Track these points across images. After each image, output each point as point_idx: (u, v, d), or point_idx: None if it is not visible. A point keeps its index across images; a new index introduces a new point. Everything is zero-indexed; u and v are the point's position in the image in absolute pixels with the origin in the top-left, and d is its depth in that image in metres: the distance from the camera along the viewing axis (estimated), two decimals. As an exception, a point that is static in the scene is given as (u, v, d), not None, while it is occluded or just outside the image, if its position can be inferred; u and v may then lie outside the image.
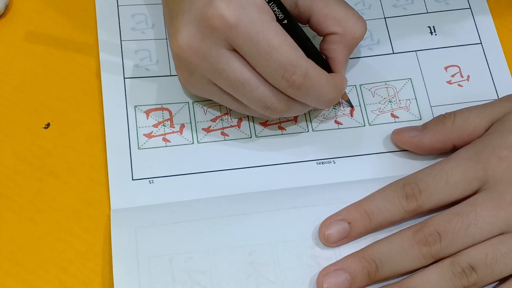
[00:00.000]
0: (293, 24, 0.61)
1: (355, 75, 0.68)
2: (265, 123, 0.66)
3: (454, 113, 0.63)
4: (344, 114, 0.67)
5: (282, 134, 0.66)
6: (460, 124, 0.62)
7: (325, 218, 0.60)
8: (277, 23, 0.59)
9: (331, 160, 0.65)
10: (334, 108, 0.67)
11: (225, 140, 0.65)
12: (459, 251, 0.57)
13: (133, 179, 0.64)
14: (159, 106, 0.66)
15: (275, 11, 0.60)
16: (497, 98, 0.67)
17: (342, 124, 0.66)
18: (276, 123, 0.66)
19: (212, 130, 0.65)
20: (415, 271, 0.58)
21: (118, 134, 0.65)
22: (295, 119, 0.66)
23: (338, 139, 0.65)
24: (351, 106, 0.66)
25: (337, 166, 0.64)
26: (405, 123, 0.66)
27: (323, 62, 0.63)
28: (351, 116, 0.66)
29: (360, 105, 0.67)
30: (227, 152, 0.65)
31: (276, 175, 0.64)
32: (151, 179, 0.64)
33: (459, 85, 0.68)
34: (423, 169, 0.60)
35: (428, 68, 0.68)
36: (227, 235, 0.60)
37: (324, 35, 0.63)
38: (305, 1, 0.62)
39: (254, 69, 0.60)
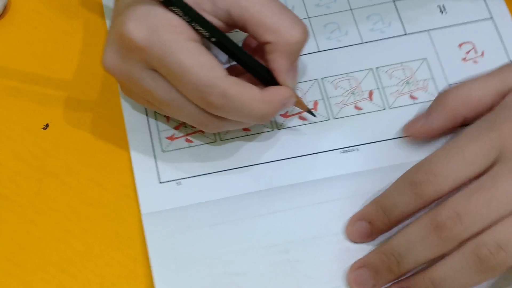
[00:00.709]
0: (223, 41, 0.59)
1: (370, 58, 0.68)
2: (285, 115, 0.66)
3: (457, 88, 0.61)
4: (363, 98, 0.67)
5: (303, 124, 0.66)
6: (464, 97, 0.60)
7: (353, 212, 0.60)
8: (194, 43, 0.57)
9: (355, 147, 0.65)
10: (352, 93, 0.67)
11: (247, 135, 0.65)
12: (482, 230, 0.54)
13: (160, 182, 0.63)
14: (178, 107, 0.66)
15: (199, 30, 0.58)
16: (513, 71, 0.67)
17: (362, 109, 0.66)
18: (296, 113, 0.66)
19: (233, 127, 0.65)
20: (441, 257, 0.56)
21: (141, 139, 0.65)
22: (314, 108, 0.66)
23: (360, 125, 0.66)
24: (313, 115, 0.65)
25: (361, 154, 0.64)
26: (425, 104, 0.66)
27: (267, 74, 0.60)
28: (371, 99, 0.67)
29: (378, 88, 0.67)
30: (251, 147, 0.65)
31: (303, 166, 0.64)
32: (178, 180, 0.64)
33: (474, 61, 0.68)
34: (436, 151, 0.58)
35: (442, 47, 0.68)
36: (262, 234, 0.60)
37: (262, 45, 0.60)
38: (237, 10, 0.58)
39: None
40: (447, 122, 0.62)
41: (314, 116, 0.65)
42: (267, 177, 0.63)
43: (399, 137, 0.65)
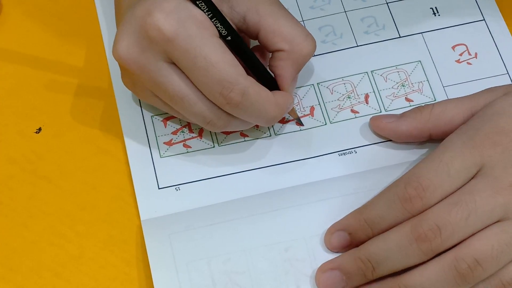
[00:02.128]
0: (238, 41, 0.60)
1: (365, 61, 0.68)
2: (282, 120, 0.66)
3: (433, 104, 0.63)
4: (359, 102, 0.67)
5: (300, 130, 0.66)
6: (438, 113, 0.62)
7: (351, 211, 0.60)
8: (218, 39, 0.59)
9: (352, 150, 0.65)
10: (348, 97, 0.67)
11: (245, 140, 0.65)
12: (460, 242, 0.56)
13: (159, 188, 0.63)
14: (176, 113, 0.66)
15: (218, 27, 0.59)
16: (506, 71, 0.68)
17: (358, 113, 0.67)
18: (293, 119, 0.66)
19: (231, 132, 0.66)
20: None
21: (139, 145, 0.65)
22: (311, 113, 0.67)
23: (357, 128, 0.66)
24: (301, 124, 0.66)
25: (359, 156, 0.65)
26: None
27: (270, 79, 0.62)
28: (367, 103, 0.67)
29: (374, 92, 0.67)
30: (249, 152, 0.65)
31: (301, 170, 0.64)
32: (177, 186, 0.64)
33: (468, 63, 0.68)
34: (420, 163, 0.58)
35: (436, 49, 0.69)
36: (261, 232, 0.60)
37: (272, 52, 0.62)
38: (253, 16, 0.61)
39: (193, 84, 0.59)
40: (414, 131, 0.63)
41: (302, 125, 0.65)
42: (265, 181, 0.64)
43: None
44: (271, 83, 0.62)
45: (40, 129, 0.66)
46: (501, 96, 0.61)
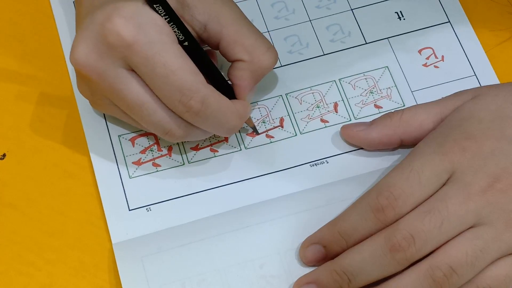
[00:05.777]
0: (195, 47, 0.60)
1: (333, 70, 0.68)
2: (252, 134, 0.66)
3: (402, 110, 0.63)
4: (328, 111, 0.66)
5: (270, 142, 0.65)
6: (407, 119, 0.62)
7: (326, 222, 0.60)
8: (178, 45, 0.58)
9: (324, 160, 0.64)
10: (317, 107, 0.67)
11: (215, 156, 0.65)
12: (434, 250, 0.56)
13: (129, 210, 0.63)
14: (143, 132, 0.65)
15: (175, 32, 0.59)
16: (473, 73, 0.68)
17: (328, 122, 0.66)
18: (263, 132, 0.66)
19: (200, 148, 0.65)
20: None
21: (107, 166, 0.64)
22: (280, 124, 0.66)
23: (327, 138, 0.65)
24: (257, 133, 0.65)
25: (331, 165, 0.64)
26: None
27: (227, 87, 0.62)
28: (336, 112, 0.66)
29: (343, 100, 0.67)
30: (219, 168, 0.64)
31: (272, 183, 0.64)
32: (148, 206, 0.63)
33: (435, 66, 0.68)
34: (391, 172, 0.58)
35: (402, 54, 0.68)
36: (235, 250, 0.60)
37: (232, 61, 0.62)
38: (215, 26, 0.61)
39: (152, 91, 0.59)
40: (384, 138, 0.62)
41: (258, 133, 0.65)
42: (237, 197, 0.63)
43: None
44: (228, 91, 0.62)
45: (4, 155, 0.65)
46: (469, 100, 0.60)
